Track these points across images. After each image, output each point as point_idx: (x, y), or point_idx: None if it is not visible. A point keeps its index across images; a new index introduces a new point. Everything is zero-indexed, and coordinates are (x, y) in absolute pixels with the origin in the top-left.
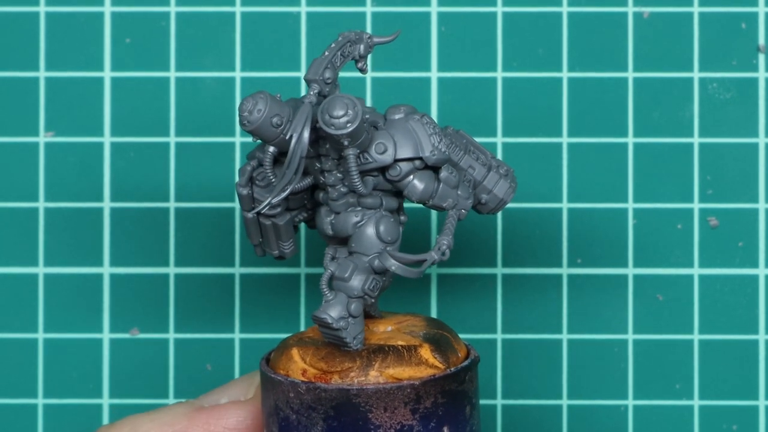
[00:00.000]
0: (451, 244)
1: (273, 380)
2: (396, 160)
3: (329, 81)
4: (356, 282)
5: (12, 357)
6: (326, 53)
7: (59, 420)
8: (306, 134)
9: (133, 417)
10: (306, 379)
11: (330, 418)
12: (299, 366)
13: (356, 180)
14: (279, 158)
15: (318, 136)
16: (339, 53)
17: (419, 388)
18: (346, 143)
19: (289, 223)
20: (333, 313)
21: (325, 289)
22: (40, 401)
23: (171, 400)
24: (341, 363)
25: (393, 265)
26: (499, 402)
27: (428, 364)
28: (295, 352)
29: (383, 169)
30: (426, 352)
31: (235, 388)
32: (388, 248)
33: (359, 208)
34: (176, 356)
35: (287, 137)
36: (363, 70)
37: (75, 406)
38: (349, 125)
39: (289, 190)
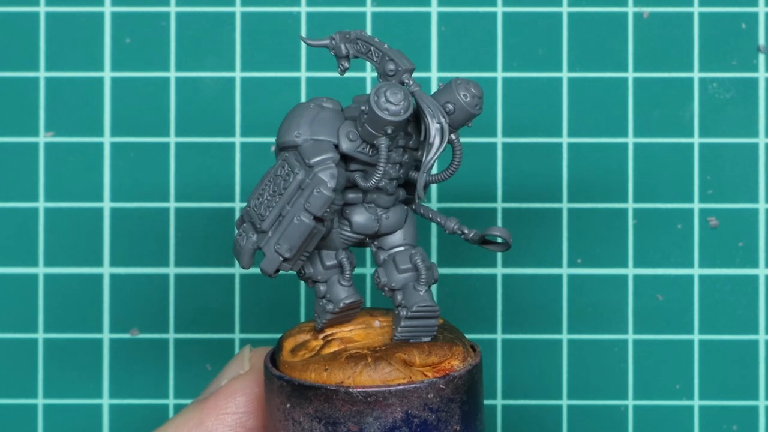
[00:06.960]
0: None
1: (404, 390)
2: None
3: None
4: (432, 272)
5: (12, 357)
6: (385, 45)
7: (59, 420)
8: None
9: None
10: (433, 376)
11: (464, 404)
12: (415, 368)
13: (457, 164)
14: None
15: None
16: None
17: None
18: (470, 125)
19: None
20: (433, 301)
21: (423, 281)
22: (40, 401)
23: (171, 400)
24: (450, 349)
25: (503, 232)
26: (499, 402)
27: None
28: (401, 356)
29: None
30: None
31: (229, 370)
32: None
33: (400, 202)
34: (176, 356)
35: (437, 124)
36: (346, 69)
37: (75, 406)
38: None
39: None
